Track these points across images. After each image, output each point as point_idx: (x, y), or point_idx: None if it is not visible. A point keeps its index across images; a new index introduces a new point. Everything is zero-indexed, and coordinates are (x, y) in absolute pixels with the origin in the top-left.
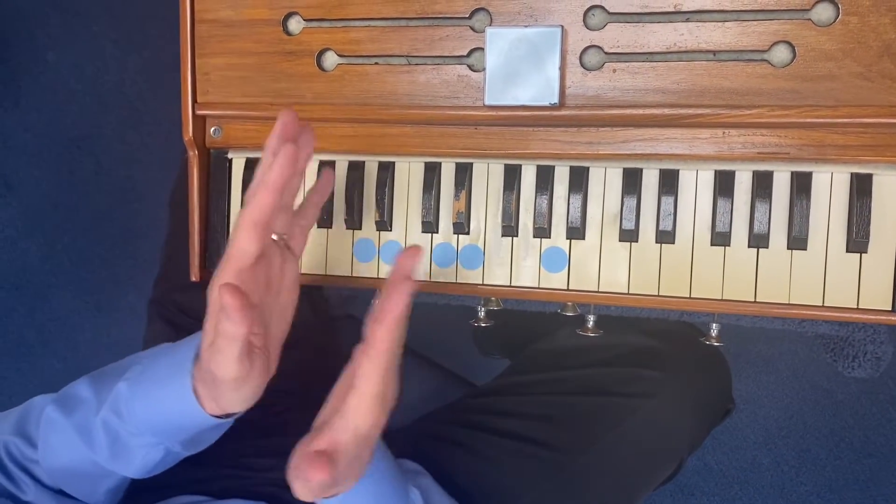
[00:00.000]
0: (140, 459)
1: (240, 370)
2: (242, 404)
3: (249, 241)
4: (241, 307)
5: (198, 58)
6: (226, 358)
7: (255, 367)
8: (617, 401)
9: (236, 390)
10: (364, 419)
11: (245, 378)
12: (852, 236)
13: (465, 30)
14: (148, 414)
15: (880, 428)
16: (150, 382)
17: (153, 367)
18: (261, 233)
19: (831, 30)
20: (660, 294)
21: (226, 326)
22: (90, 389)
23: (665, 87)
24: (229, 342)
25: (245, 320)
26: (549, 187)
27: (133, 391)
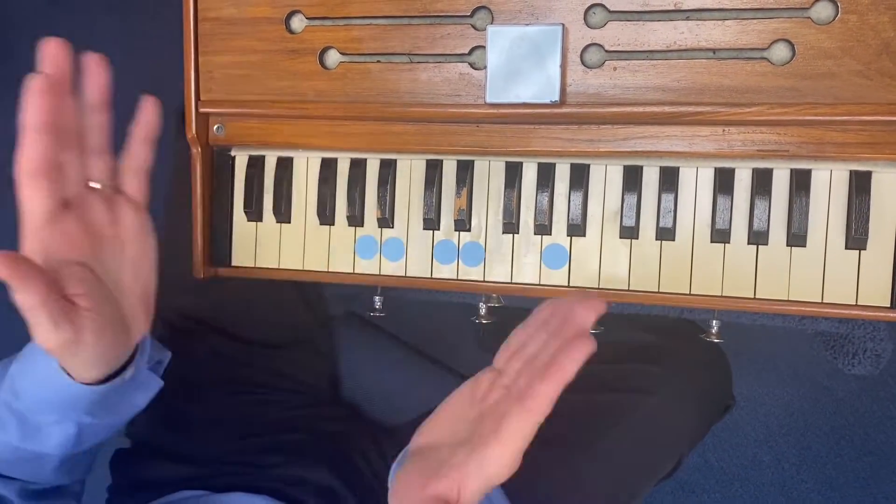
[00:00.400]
0: (55, 436)
1: (60, 336)
2: (99, 367)
3: (32, 196)
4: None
5: (201, 56)
6: (38, 327)
7: (85, 328)
8: (617, 397)
9: (74, 355)
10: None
11: (75, 342)
12: (851, 233)
13: (466, 28)
14: (35, 390)
15: (881, 425)
16: (28, 358)
17: (31, 343)
18: (43, 184)
19: (830, 28)
20: (660, 291)
21: (17, 298)
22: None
23: (665, 85)
24: (30, 313)
25: (30, 287)
26: (550, 185)
27: (19, 369)
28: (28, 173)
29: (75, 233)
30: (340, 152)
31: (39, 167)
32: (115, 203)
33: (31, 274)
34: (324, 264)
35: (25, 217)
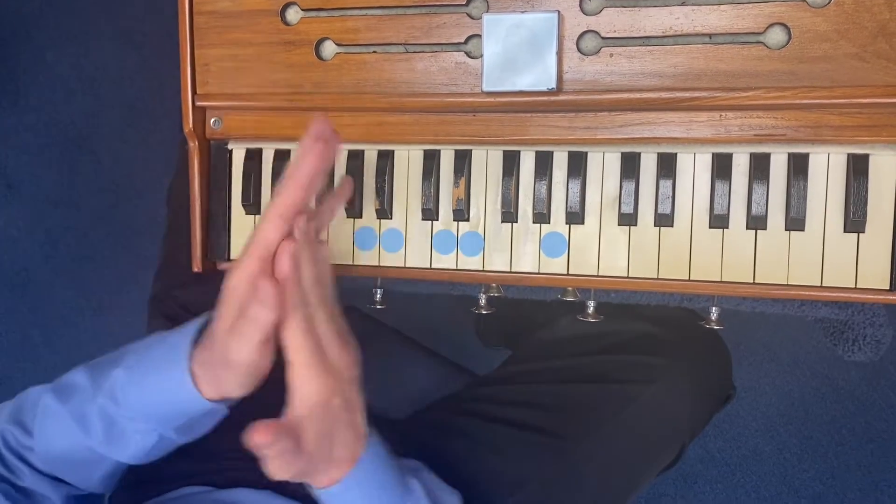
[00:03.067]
0: (135, 445)
1: (258, 356)
2: (242, 389)
3: (274, 230)
4: (276, 294)
5: (197, 49)
6: (248, 342)
7: (266, 355)
8: (618, 387)
9: (247, 375)
10: (310, 388)
11: (259, 363)
12: (850, 216)
13: (462, 17)
14: (144, 399)
15: (881, 413)
16: (146, 367)
17: (149, 353)
18: (285, 224)
19: (826, 11)
20: (659, 277)
21: (257, 311)
22: (86, 377)
23: (662, 71)
24: (256, 327)
25: (277, 307)
26: (548, 173)
27: (129, 377)
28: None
29: None
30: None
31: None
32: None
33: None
34: None
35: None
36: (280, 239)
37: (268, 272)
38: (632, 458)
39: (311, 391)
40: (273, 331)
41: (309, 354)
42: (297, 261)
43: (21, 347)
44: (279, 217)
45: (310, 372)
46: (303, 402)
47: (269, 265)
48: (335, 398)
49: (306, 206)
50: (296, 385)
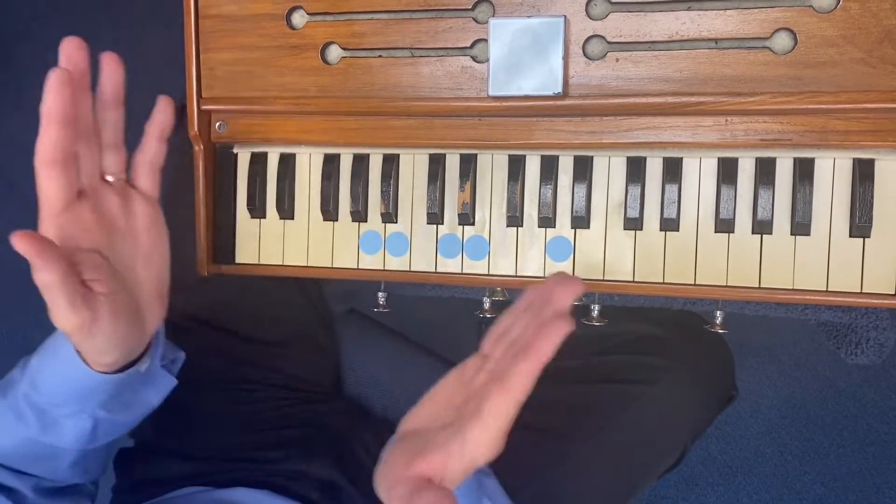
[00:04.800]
0: (72, 430)
1: (76, 317)
2: (112, 353)
3: (49, 182)
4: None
5: (202, 53)
6: (57, 308)
7: (100, 313)
8: (620, 388)
9: (89, 339)
10: (484, 453)
11: (91, 325)
12: (855, 221)
13: (468, 21)
14: (53, 382)
15: (883, 416)
16: (48, 350)
17: (52, 336)
18: (59, 172)
19: (832, 16)
20: (665, 281)
21: (36, 276)
22: (19, 369)
23: (668, 76)
24: (50, 291)
25: (50, 265)
26: (554, 177)
27: (38, 362)
28: (45, 161)
29: (90, 222)
30: (343, 148)
31: (56, 156)
32: (129, 196)
33: (51, 252)
34: (328, 260)
35: (42, 204)
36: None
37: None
38: (634, 458)
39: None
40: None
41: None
42: None
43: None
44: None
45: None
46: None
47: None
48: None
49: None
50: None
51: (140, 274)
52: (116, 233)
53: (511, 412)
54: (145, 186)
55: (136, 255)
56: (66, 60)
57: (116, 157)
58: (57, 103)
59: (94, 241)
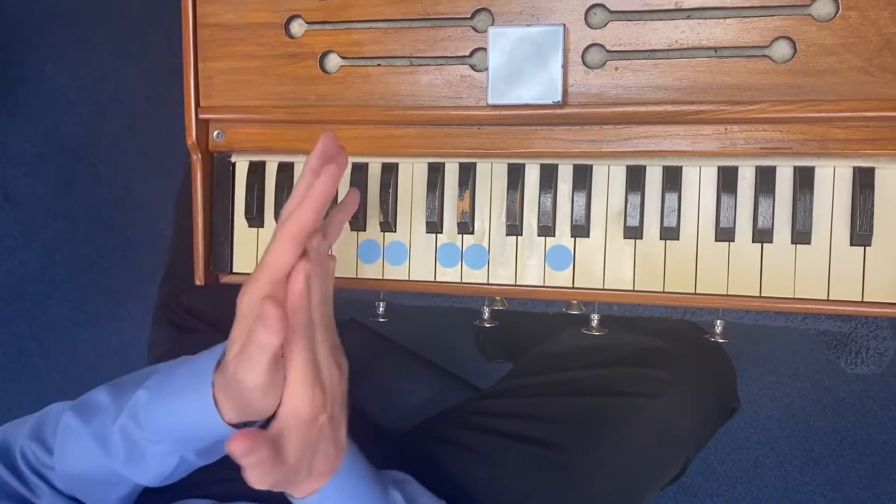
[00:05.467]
0: (156, 466)
1: (268, 378)
2: (261, 414)
3: (286, 253)
4: (281, 318)
5: (200, 62)
6: (256, 366)
7: (278, 378)
8: (622, 401)
9: (261, 398)
10: (300, 404)
11: (270, 386)
12: (856, 230)
13: (467, 30)
14: (166, 422)
15: (882, 426)
16: (170, 390)
17: (173, 376)
18: (297, 247)
19: (831, 25)
20: (665, 290)
21: (261, 335)
22: (109, 397)
23: (667, 84)
24: (262, 350)
25: (282, 331)
26: (553, 186)
27: (152, 398)
28: (293, 236)
29: None
30: None
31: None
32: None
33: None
34: None
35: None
36: (292, 262)
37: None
38: (636, 472)
39: (300, 406)
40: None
41: (304, 371)
42: (310, 282)
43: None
44: (292, 240)
45: (303, 388)
46: (290, 416)
47: (280, 288)
48: (322, 414)
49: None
50: (286, 399)
51: None
52: None
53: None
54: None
55: None
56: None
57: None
58: (323, 190)
59: None
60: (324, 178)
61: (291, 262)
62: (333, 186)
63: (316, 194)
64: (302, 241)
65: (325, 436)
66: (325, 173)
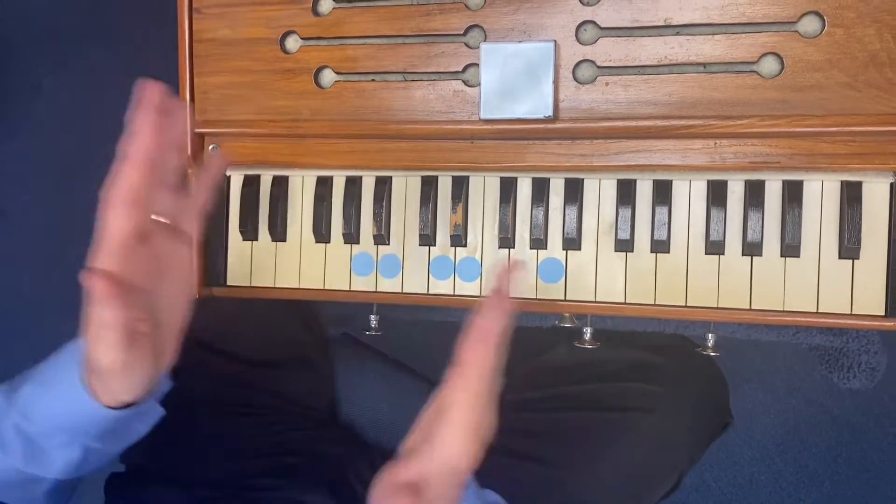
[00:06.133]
0: (60, 460)
1: (122, 356)
2: (132, 392)
3: (119, 219)
4: (111, 291)
5: (196, 77)
6: (105, 345)
7: (138, 354)
8: (615, 416)
9: (124, 378)
10: (455, 451)
11: (130, 365)
12: (844, 243)
13: (460, 46)
14: (50, 413)
15: (877, 442)
16: (48, 380)
17: (51, 365)
18: (130, 210)
19: (818, 41)
20: (656, 303)
21: (98, 312)
22: (3, 397)
23: (657, 100)
24: (105, 329)
25: (119, 305)
26: (545, 199)
27: (34, 392)
28: (120, 200)
29: (142, 261)
30: (336, 170)
31: (132, 196)
32: (174, 238)
33: (118, 291)
34: (320, 282)
35: (105, 240)
36: (128, 227)
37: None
38: (629, 486)
39: (458, 454)
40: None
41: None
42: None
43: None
44: (120, 203)
45: (466, 434)
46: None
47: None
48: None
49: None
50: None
51: (166, 314)
52: (161, 274)
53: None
54: (188, 230)
55: (167, 295)
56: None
57: (168, 198)
58: (142, 144)
59: (143, 281)
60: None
61: (127, 229)
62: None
63: (133, 151)
64: (133, 203)
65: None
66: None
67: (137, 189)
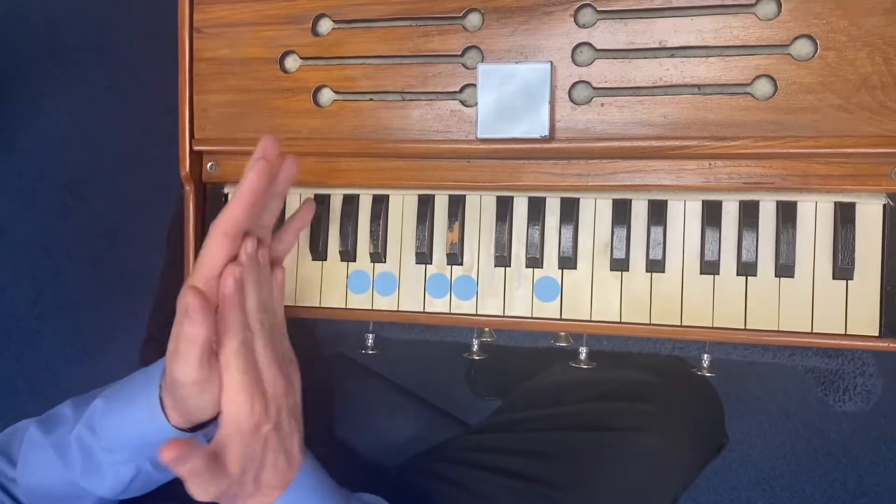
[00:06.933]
0: (111, 477)
1: (200, 374)
2: (204, 412)
3: (216, 248)
4: (202, 308)
5: (196, 95)
6: (187, 360)
7: (216, 373)
8: (610, 435)
9: (198, 396)
10: (237, 410)
11: (205, 383)
12: (838, 263)
13: (457, 67)
14: (118, 429)
15: (873, 467)
16: (122, 397)
17: (127, 383)
18: (230, 243)
19: (810, 64)
20: (651, 322)
21: (186, 328)
22: (71, 409)
23: (652, 120)
24: (190, 344)
25: (206, 321)
26: (541, 218)
27: (106, 406)
28: (224, 232)
29: None
30: (333, 188)
31: (234, 230)
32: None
33: (210, 311)
34: (316, 300)
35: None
36: (225, 257)
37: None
38: None
39: (238, 413)
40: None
41: (240, 376)
42: (241, 284)
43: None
44: (223, 235)
45: (239, 393)
46: (228, 423)
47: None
48: (265, 423)
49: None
50: (223, 405)
51: None
52: None
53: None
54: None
55: None
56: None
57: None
58: (253, 186)
59: None
60: (253, 173)
61: (222, 259)
62: (261, 182)
63: (243, 190)
64: (233, 238)
65: (271, 447)
66: (253, 169)
67: (239, 225)
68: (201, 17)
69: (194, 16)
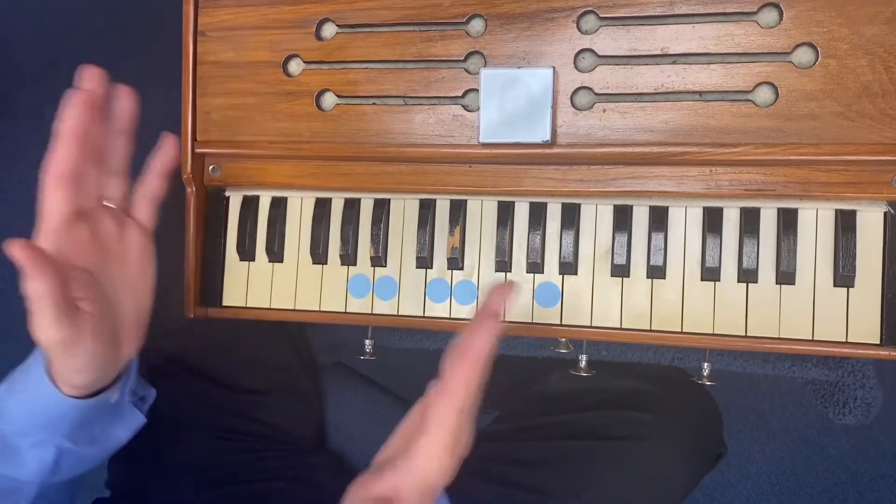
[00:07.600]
0: (34, 461)
1: (60, 332)
2: (81, 375)
3: (53, 197)
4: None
5: (199, 97)
6: (42, 320)
7: (84, 331)
8: (609, 444)
9: (69, 357)
10: (433, 466)
11: (72, 342)
12: (839, 271)
13: (460, 72)
14: (19, 408)
15: (873, 483)
16: (20, 377)
17: (25, 363)
18: (66, 188)
19: (812, 72)
20: (652, 329)
21: (27, 285)
22: None
23: (653, 127)
24: (38, 302)
25: (44, 274)
26: (542, 223)
27: (8, 389)
28: (54, 176)
29: (85, 242)
30: (335, 192)
31: (65, 172)
32: (125, 224)
33: (45, 263)
34: (315, 304)
35: (42, 217)
36: (65, 204)
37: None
38: None
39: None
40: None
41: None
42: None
43: None
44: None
45: (444, 450)
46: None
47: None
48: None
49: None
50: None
51: (124, 300)
52: (108, 257)
53: (453, 420)
54: (142, 217)
55: (124, 281)
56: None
57: (119, 184)
58: (73, 122)
59: (87, 261)
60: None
61: (63, 207)
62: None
63: (63, 127)
64: (68, 181)
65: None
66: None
67: (69, 165)
68: (206, 20)
69: (199, 19)
